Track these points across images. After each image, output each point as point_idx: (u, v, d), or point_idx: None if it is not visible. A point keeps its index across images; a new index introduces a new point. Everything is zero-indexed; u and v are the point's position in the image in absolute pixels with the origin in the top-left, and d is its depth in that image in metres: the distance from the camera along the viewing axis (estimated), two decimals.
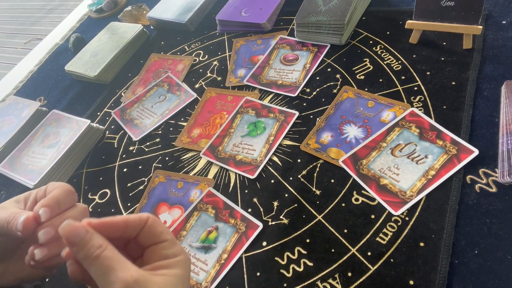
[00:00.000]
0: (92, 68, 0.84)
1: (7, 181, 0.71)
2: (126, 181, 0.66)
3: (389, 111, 0.57)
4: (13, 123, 0.78)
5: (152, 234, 0.28)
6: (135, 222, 0.27)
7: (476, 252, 0.43)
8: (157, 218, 0.29)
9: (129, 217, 0.27)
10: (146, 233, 0.28)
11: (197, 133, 0.67)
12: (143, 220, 0.27)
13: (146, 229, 0.27)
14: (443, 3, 0.57)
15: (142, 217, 0.28)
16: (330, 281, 0.45)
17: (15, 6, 3.23)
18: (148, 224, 0.28)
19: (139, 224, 0.27)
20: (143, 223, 0.27)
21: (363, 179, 0.52)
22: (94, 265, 0.24)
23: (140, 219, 0.27)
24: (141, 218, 0.28)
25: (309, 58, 0.70)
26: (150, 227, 0.28)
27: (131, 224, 0.27)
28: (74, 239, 0.24)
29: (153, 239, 0.28)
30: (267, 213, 0.53)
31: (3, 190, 0.73)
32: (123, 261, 0.25)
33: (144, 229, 0.27)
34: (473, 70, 0.57)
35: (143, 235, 0.28)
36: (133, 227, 0.27)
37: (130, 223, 0.27)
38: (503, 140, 0.48)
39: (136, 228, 0.27)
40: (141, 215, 0.28)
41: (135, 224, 0.27)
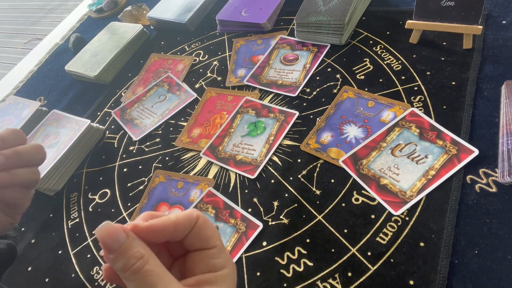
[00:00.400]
0: (92, 68, 0.84)
1: None
2: (126, 181, 0.66)
3: (389, 111, 0.57)
4: (13, 123, 0.78)
5: (201, 238, 0.24)
6: (185, 224, 0.24)
7: (476, 252, 0.43)
8: (207, 219, 0.25)
9: (179, 219, 0.24)
10: (194, 236, 0.24)
11: (197, 133, 0.67)
12: (193, 221, 0.24)
13: (195, 231, 0.24)
14: (443, 3, 0.57)
15: (191, 217, 0.24)
16: (330, 281, 0.46)
17: (15, 6, 3.23)
18: (198, 226, 0.24)
19: (189, 224, 0.24)
20: (193, 223, 0.24)
21: (363, 179, 0.52)
22: (134, 280, 0.21)
23: (190, 219, 0.24)
24: (190, 218, 0.24)
25: (309, 58, 0.70)
26: (199, 228, 0.24)
27: (180, 227, 0.24)
28: (112, 244, 0.21)
29: (200, 244, 0.24)
30: (267, 213, 0.53)
31: None
32: (167, 277, 0.22)
33: (193, 230, 0.24)
34: (473, 70, 0.57)
35: (190, 238, 0.24)
36: (182, 230, 0.24)
37: (180, 226, 0.23)
38: (503, 140, 0.48)
39: (186, 229, 0.24)
40: (191, 214, 0.24)
41: (185, 227, 0.24)
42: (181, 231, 0.24)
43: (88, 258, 0.58)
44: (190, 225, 0.24)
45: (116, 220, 0.61)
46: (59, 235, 0.63)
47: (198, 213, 0.24)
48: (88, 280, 0.56)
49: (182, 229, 0.24)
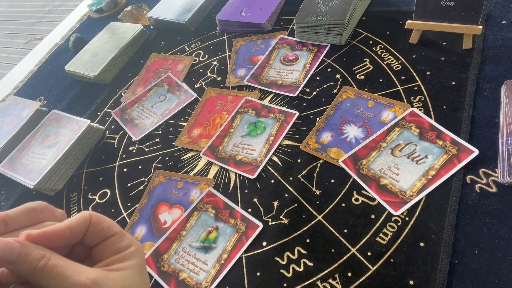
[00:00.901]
0: (92, 68, 0.84)
1: (7, 181, 0.72)
2: (126, 181, 0.66)
3: (389, 111, 0.57)
4: (13, 123, 0.78)
5: (99, 231, 0.25)
6: (79, 225, 0.24)
7: (476, 252, 0.43)
8: (100, 214, 0.26)
9: (72, 221, 0.24)
10: (92, 232, 0.25)
11: (197, 133, 0.67)
12: (87, 220, 0.25)
13: (92, 228, 0.25)
14: (443, 3, 0.57)
15: (85, 217, 0.25)
16: (330, 281, 0.45)
17: (15, 6, 3.23)
18: (93, 222, 0.25)
19: (84, 225, 0.24)
20: (88, 222, 0.25)
21: (363, 179, 0.52)
22: (43, 278, 0.21)
23: (84, 219, 0.24)
24: (84, 218, 0.24)
25: (309, 58, 0.70)
26: (95, 224, 0.25)
27: (76, 229, 0.24)
28: (9, 256, 0.21)
29: (101, 236, 0.25)
30: (267, 213, 0.53)
31: (3, 190, 0.73)
32: (73, 265, 0.23)
33: (89, 229, 0.25)
34: (473, 70, 0.57)
35: (89, 235, 0.25)
36: (79, 231, 0.24)
37: (75, 228, 0.24)
38: (503, 140, 0.48)
39: (82, 230, 0.24)
40: (83, 214, 0.25)
41: (80, 227, 0.24)
42: (77, 233, 0.24)
43: None
44: (85, 225, 0.24)
45: (116, 220, 0.61)
46: None
47: (90, 212, 0.25)
48: None
49: (78, 230, 0.24)
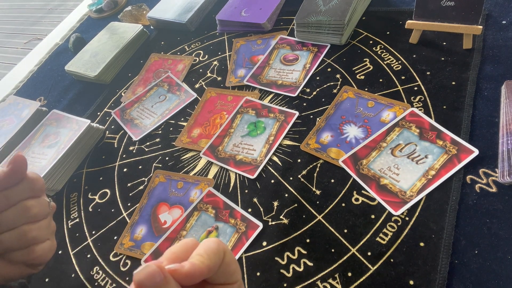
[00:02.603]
0: (92, 68, 0.84)
1: None
2: (126, 181, 0.66)
3: (389, 111, 0.57)
4: (13, 123, 0.78)
5: (225, 273, 0.23)
6: (216, 264, 0.22)
7: (476, 252, 0.43)
8: (231, 253, 0.24)
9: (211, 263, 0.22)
10: (220, 272, 0.23)
11: (197, 133, 0.67)
12: (221, 258, 0.23)
13: (222, 268, 0.23)
14: (443, 3, 0.57)
15: (219, 254, 0.23)
16: (330, 281, 0.45)
17: (15, 6, 3.23)
18: (225, 262, 0.23)
19: (219, 265, 0.23)
20: (221, 260, 0.23)
21: (363, 179, 0.52)
22: None
23: (219, 257, 0.23)
24: (219, 255, 0.23)
25: (309, 58, 0.70)
26: (226, 265, 0.23)
27: (212, 270, 0.22)
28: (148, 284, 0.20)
29: (224, 279, 0.24)
30: (267, 213, 0.53)
31: None
32: None
33: (220, 267, 0.23)
34: (473, 70, 0.57)
35: (216, 274, 0.23)
36: (213, 271, 0.23)
37: (213, 269, 0.22)
38: (503, 140, 0.48)
39: (215, 270, 0.23)
40: (218, 249, 0.23)
41: (216, 268, 0.23)
42: (212, 273, 0.23)
43: (88, 258, 0.58)
44: (220, 263, 0.23)
45: (116, 220, 0.61)
46: (59, 235, 0.63)
47: (224, 247, 0.24)
48: (88, 280, 0.56)
49: (214, 271, 0.23)
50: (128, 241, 0.57)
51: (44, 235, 0.36)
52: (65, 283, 0.57)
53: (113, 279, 0.54)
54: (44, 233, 0.36)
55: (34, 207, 0.35)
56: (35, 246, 0.35)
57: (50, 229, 0.38)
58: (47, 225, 0.37)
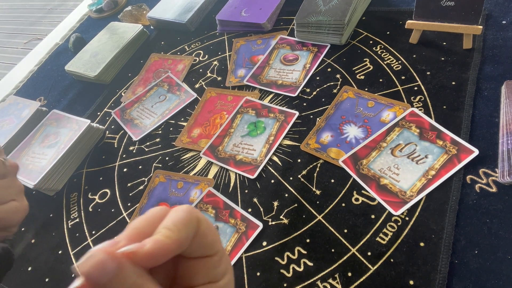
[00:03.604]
0: (92, 68, 0.84)
1: None
2: (126, 181, 0.66)
3: (389, 111, 0.57)
4: (13, 123, 0.78)
5: (202, 245, 0.20)
6: (188, 238, 0.19)
7: (476, 252, 0.43)
8: (209, 222, 0.21)
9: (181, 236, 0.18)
10: (194, 245, 0.20)
11: (197, 133, 0.67)
12: (194, 228, 0.19)
13: (197, 240, 0.20)
14: (443, 3, 0.57)
15: (192, 224, 0.19)
16: (330, 281, 0.45)
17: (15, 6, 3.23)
18: (200, 233, 0.20)
19: (191, 237, 0.19)
20: (194, 231, 0.19)
21: (363, 179, 0.52)
22: None
23: (192, 229, 0.19)
24: (192, 227, 0.19)
25: (309, 58, 0.70)
26: (202, 236, 0.20)
27: (183, 244, 0.19)
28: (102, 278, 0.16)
29: (201, 252, 0.20)
30: (267, 213, 0.53)
31: None
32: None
33: (194, 239, 0.20)
34: (473, 70, 0.57)
35: (190, 247, 0.20)
36: (185, 245, 0.19)
37: (183, 243, 0.19)
38: (503, 140, 0.48)
39: (187, 244, 0.19)
40: (190, 219, 0.19)
41: (187, 241, 0.19)
42: (184, 247, 0.19)
43: None
44: (193, 234, 0.20)
45: (116, 221, 0.61)
46: (59, 235, 0.63)
47: (197, 215, 0.20)
48: None
49: (185, 244, 0.19)
50: None
51: (7, 194, 0.35)
52: (65, 283, 0.57)
53: None
54: (6, 193, 0.35)
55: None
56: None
57: (14, 189, 0.36)
58: (7, 185, 0.36)
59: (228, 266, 0.22)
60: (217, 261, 0.21)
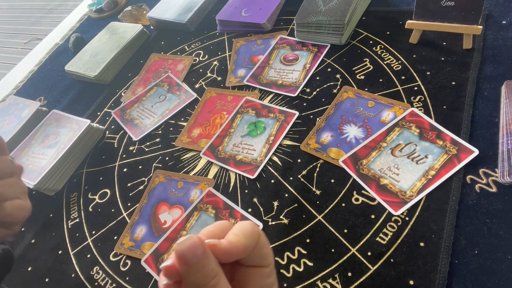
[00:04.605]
0: (92, 68, 0.84)
1: None
2: (126, 181, 0.66)
3: (389, 111, 0.57)
4: (13, 123, 0.78)
5: (259, 255, 0.23)
6: (251, 246, 0.22)
7: (476, 252, 0.43)
8: (265, 236, 0.24)
9: (247, 242, 0.22)
10: (254, 254, 0.23)
11: (197, 133, 0.67)
12: (256, 239, 0.23)
13: (256, 250, 0.23)
14: (443, 3, 0.57)
15: (254, 235, 0.23)
16: (330, 281, 0.46)
17: (15, 6, 3.23)
18: (259, 244, 0.23)
19: (254, 246, 0.23)
20: (256, 242, 0.23)
21: (363, 179, 0.52)
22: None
23: (254, 238, 0.23)
24: (254, 237, 0.23)
25: (309, 58, 0.70)
26: (260, 247, 0.23)
27: (248, 250, 0.22)
28: (191, 258, 0.20)
29: (256, 261, 0.23)
30: (267, 213, 0.53)
31: None
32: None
33: (254, 249, 0.23)
34: (473, 70, 0.57)
35: (250, 255, 0.23)
36: (249, 252, 0.23)
37: (248, 249, 0.22)
38: (503, 140, 0.48)
39: (250, 251, 0.23)
40: (253, 231, 0.23)
41: (251, 248, 0.23)
42: (248, 253, 0.23)
43: (88, 258, 0.58)
44: (254, 244, 0.23)
45: (116, 221, 0.61)
46: (59, 235, 0.63)
47: (258, 229, 0.23)
48: (88, 280, 0.56)
49: (249, 251, 0.23)
50: (128, 241, 0.57)
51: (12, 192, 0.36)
52: (65, 283, 0.57)
53: (113, 279, 0.54)
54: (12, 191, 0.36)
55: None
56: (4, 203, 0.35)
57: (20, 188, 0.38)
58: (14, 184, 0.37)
59: (276, 279, 0.25)
60: (269, 273, 0.24)
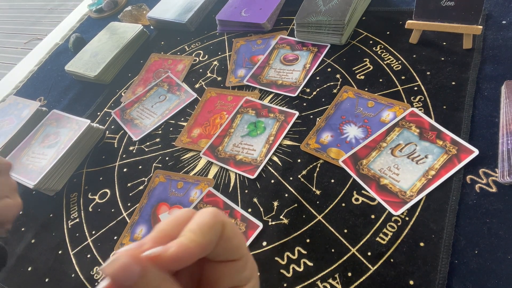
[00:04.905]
0: (92, 68, 0.84)
1: None
2: (126, 181, 0.66)
3: (389, 111, 0.57)
4: (13, 123, 0.78)
5: (227, 249, 0.20)
6: (211, 243, 0.19)
7: (476, 252, 0.43)
8: (234, 225, 0.21)
9: (205, 240, 0.18)
10: (219, 248, 0.20)
11: (197, 133, 0.67)
12: (219, 232, 0.19)
13: (221, 244, 0.20)
14: (443, 3, 0.57)
15: (216, 228, 0.19)
16: (330, 281, 0.45)
17: (15, 6, 3.23)
18: (225, 237, 0.20)
19: (214, 241, 0.19)
20: (219, 235, 0.19)
21: (363, 179, 0.52)
22: None
23: (216, 233, 0.19)
24: (216, 231, 0.19)
25: (309, 58, 0.70)
26: (226, 240, 0.20)
27: (207, 248, 0.19)
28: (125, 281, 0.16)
29: (225, 255, 0.20)
30: (267, 213, 0.53)
31: None
32: None
33: (219, 243, 0.19)
34: (473, 70, 0.57)
35: (215, 250, 0.20)
36: (210, 249, 0.19)
37: (207, 247, 0.19)
38: (503, 140, 0.48)
39: (211, 249, 0.19)
40: (214, 223, 0.19)
41: (212, 245, 0.19)
42: (208, 250, 0.19)
43: (88, 258, 0.58)
44: (217, 238, 0.19)
45: (116, 221, 0.61)
46: (59, 235, 0.63)
47: (222, 219, 0.20)
48: (88, 280, 0.56)
49: (209, 248, 0.19)
50: (128, 241, 0.57)
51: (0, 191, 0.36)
52: (65, 283, 0.57)
53: None
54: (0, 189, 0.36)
55: None
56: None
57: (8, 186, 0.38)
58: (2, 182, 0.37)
59: (254, 271, 0.22)
60: (242, 266, 0.21)
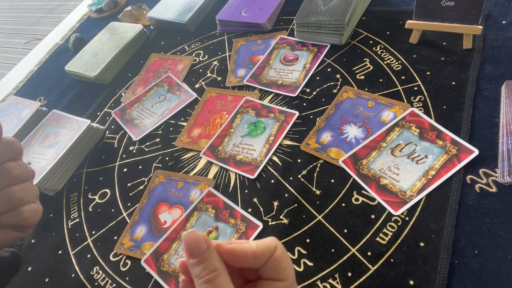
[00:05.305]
0: (92, 68, 0.84)
1: None
2: (126, 181, 0.66)
3: (389, 111, 0.57)
4: (13, 123, 0.78)
5: (275, 268, 0.24)
6: (264, 254, 0.24)
7: (476, 252, 0.43)
8: (284, 249, 0.25)
9: (259, 248, 0.24)
10: (269, 266, 0.24)
11: (197, 133, 0.67)
12: (271, 251, 0.24)
13: (271, 262, 0.24)
14: (443, 3, 0.57)
15: (270, 247, 0.24)
16: (330, 281, 0.46)
17: (15, 6, 3.23)
18: (275, 257, 0.24)
19: (268, 256, 0.24)
20: (271, 253, 0.24)
21: (363, 179, 0.52)
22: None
23: (269, 249, 0.24)
24: (270, 248, 0.24)
25: (309, 58, 0.70)
26: (276, 260, 0.24)
27: (259, 258, 0.24)
28: (194, 250, 0.22)
29: (274, 274, 0.24)
30: (267, 213, 0.53)
31: None
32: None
33: (269, 260, 0.24)
34: (473, 70, 0.57)
35: (265, 266, 0.24)
36: (261, 261, 0.24)
37: (259, 257, 0.24)
38: (503, 140, 0.48)
39: (263, 261, 0.24)
40: (270, 244, 0.24)
41: (264, 257, 0.24)
42: (259, 262, 0.24)
43: (88, 258, 0.58)
44: (269, 255, 0.24)
45: (116, 221, 0.61)
46: (59, 235, 0.63)
47: (276, 242, 0.24)
48: (88, 280, 0.56)
49: (260, 259, 0.24)
50: (128, 241, 0.57)
51: (29, 196, 0.37)
52: (65, 283, 0.57)
53: (113, 279, 0.54)
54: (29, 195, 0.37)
55: (15, 168, 0.35)
56: (22, 207, 0.36)
57: (34, 192, 0.38)
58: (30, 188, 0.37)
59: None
60: (286, 287, 0.24)
